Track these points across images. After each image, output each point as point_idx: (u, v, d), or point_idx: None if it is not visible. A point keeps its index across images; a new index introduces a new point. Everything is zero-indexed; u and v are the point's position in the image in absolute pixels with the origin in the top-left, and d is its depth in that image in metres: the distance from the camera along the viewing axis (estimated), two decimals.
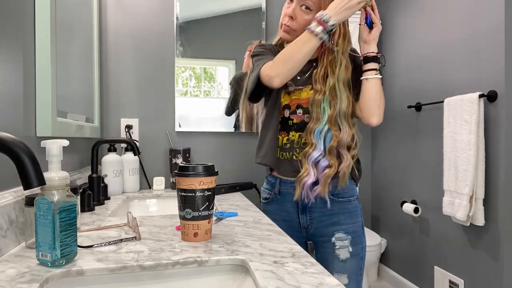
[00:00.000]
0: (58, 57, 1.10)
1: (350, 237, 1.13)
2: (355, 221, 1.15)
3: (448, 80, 1.87)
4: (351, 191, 1.17)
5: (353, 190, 1.17)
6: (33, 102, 0.99)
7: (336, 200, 1.14)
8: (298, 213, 1.18)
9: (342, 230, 1.13)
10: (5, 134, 0.54)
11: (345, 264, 1.12)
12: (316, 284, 0.62)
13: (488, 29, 1.62)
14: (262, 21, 2.05)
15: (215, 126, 2.02)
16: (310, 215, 1.16)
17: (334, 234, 1.13)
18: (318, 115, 1.10)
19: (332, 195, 1.14)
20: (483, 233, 1.66)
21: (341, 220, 1.14)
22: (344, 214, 1.14)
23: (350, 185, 1.16)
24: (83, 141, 1.53)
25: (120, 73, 1.92)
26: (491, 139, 1.60)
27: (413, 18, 2.14)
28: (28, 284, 0.61)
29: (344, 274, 1.12)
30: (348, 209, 1.15)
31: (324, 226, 1.15)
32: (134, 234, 0.94)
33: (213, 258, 0.75)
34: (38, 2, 1.00)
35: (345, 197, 1.15)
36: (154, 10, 1.96)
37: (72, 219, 0.70)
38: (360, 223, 1.16)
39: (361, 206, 1.19)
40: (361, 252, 1.15)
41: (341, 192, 1.14)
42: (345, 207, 1.15)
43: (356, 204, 1.17)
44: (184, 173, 0.86)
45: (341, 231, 1.13)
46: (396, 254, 2.35)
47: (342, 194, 1.15)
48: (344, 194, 1.15)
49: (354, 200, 1.17)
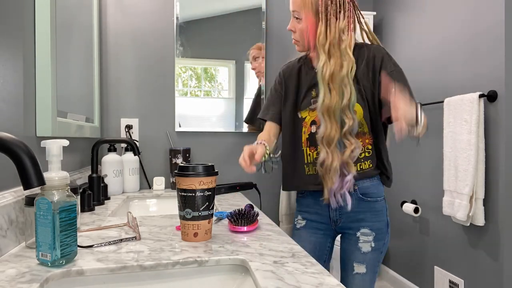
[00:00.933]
0: (58, 57, 1.10)
1: (374, 233, 1.20)
2: (380, 219, 1.21)
3: (448, 80, 1.87)
4: (378, 191, 1.22)
5: (380, 191, 1.23)
6: (33, 102, 0.99)
7: (365, 199, 1.20)
8: (329, 209, 1.24)
9: (367, 226, 1.20)
10: (5, 134, 0.54)
11: (366, 256, 1.20)
12: (316, 284, 0.62)
13: (488, 29, 1.62)
14: (262, 21, 2.05)
15: (215, 126, 2.02)
16: (340, 211, 1.22)
17: (359, 229, 1.20)
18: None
19: (361, 194, 1.20)
20: (483, 233, 1.66)
21: (367, 217, 1.20)
22: (370, 213, 1.21)
23: (377, 185, 1.22)
24: (83, 141, 1.53)
25: (120, 73, 1.92)
26: (491, 139, 1.60)
27: (413, 18, 2.14)
28: (28, 284, 0.61)
29: (363, 264, 1.20)
30: (375, 208, 1.21)
31: (351, 221, 1.22)
32: (134, 234, 0.94)
33: (213, 258, 0.75)
34: (38, 2, 1.00)
35: (373, 197, 1.21)
36: (154, 10, 1.96)
37: (72, 219, 0.70)
38: (384, 221, 1.23)
39: (387, 206, 1.26)
40: (382, 247, 1.22)
41: (369, 192, 1.20)
42: (372, 206, 1.21)
43: (383, 204, 1.23)
44: (184, 173, 0.86)
45: (366, 227, 1.20)
46: (396, 254, 2.35)
47: (370, 194, 1.20)
48: (372, 195, 1.21)
49: (381, 200, 1.23)
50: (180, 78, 1.99)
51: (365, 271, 1.20)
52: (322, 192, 1.18)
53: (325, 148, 1.13)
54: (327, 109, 1.11)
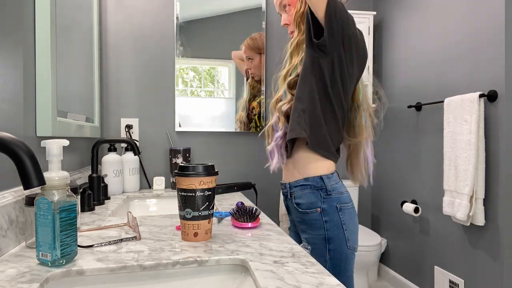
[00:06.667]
0: (58, 57, 1.10)
1: (310, 248, 1.09)
2: (314, 233, 1.07)
3: (448, 80, 1.87)
4: (310, 201, 1.08)
5: (313, 201, 1.07)
6: (33, 102, 0.99)
7: (298, 209, 1.11)
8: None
9: (305, 239, 1.10)
10: (5, 134, 0.54)
11: None
12: (316, 284, 0.62)
13: (488, 29, 1.62)
14: (262, 21, 2.05)
15: (215, 126, 2.03)
16: (291, 217, 1.20)
17: (302, 241, 1.12)
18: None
19: (295, 203, 1.11)
20: (483, 233, 1.66)
21: (304, 229, 1.11)
22: (305, 225, 1.10)
23: (309, 194, 1.08)
24: (83, 141, 1.53)
25: (120, 73, 1.92)
26: (491, 139, 1.60)
27: (413, 18, 2.14)
28: (28, 284, 0.61)
29: None
30: (308, 220, 1.08)
31: (299, 230, 1.14)
32: (134, 234, 0.94)
33: (213, 258, 0.75)
34: (38, 2, 1.01)
35: (303, 208, 1.09)
36: (154, 10, 1.96)
37: (72, 219, 0.71)
38: (321, 236, 1.06)
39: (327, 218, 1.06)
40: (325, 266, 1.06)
41: (300, 202, 1.10)
42: (305, 218, 1.09)
43: (316, 216, 1.06)
44: (184, 173, 0.86)
45: (304, 240, 1.11)
46: (396, 254, 2.35)
47: (300, 204, 1.10)
48: (302, 206, 1.09)
49: (313, 212, 1.07)
50: (180, 78, 1.99)
51: None
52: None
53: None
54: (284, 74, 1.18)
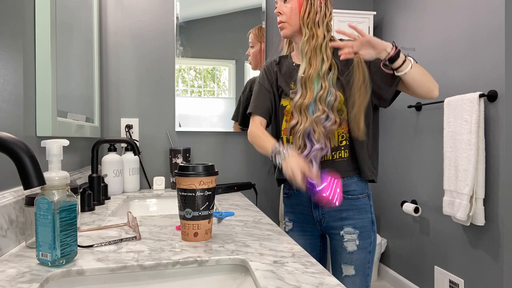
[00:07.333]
0: (58, 57, 1.10)
1: (358, 231, 1.18)
2: (363, 216, 1.20)
3: (448, 80, 1.87)
4: (360, 188, 1.21)
5: (362, 188, 1.21)
6: (33, 102, 0.99)
7: (346, 197, 1.19)
8: (311, 208, 1.24)
9: (350, 225, 1.19)
10: (5, 134, 0.54)
11: (352, 256, 1.18)
12: (316, 284, 0.62)
13: (488, 29, 1.62)
14: (262, 21, 2.05)
15: (215, 126, 2.02)
16: (322, 210, 1.22)
17: (343, 228, 1.19)
18: None
19: (345, 192, 1.19)
20: (483, 233, 1.66)
21: (350, 215, 1.19)
22: (353, 210, 1.19)
23: (357, 182, 1.20)
24: (83, 141, 1.53)
25: (120, 73, 1.92)
26: (491, 139, 1.60)
27: (413, 18, 2.14)
28: (28, 284, 0.61)
29: (351, 265, 1.18)
30: (357, 205, 1.20)
31: (334, 220, 1.21)
32: (134, 234, 0.94)
33: (213, 258, 0.75)
34: (38, 2, 1.00)
35: (354, 195, 1.20)
36: (154, 10, 1.96)
37: (72, 219, 0.70)
38: (369, 219, 1.20)
39: (371, 203, 1.23)
40: (369, 246, 1.19)
41: (349, 190, 1.19)
42: (354, 204, 1.19)
43: (365, 201, 1.21)
44: (184, 172, 0.86)
45: (349, 226, 1.19)
46: (396, 254, 2.35)
47: (350, 191, 1.19)
48: (352, 192, 1.20)
49: (363, 197, 1.21)
50: (180, 78, 1.99)
51: (354, 273, 1.18)
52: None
53: (297, 114, 1.17)
54: (305, 79, 1.16)
